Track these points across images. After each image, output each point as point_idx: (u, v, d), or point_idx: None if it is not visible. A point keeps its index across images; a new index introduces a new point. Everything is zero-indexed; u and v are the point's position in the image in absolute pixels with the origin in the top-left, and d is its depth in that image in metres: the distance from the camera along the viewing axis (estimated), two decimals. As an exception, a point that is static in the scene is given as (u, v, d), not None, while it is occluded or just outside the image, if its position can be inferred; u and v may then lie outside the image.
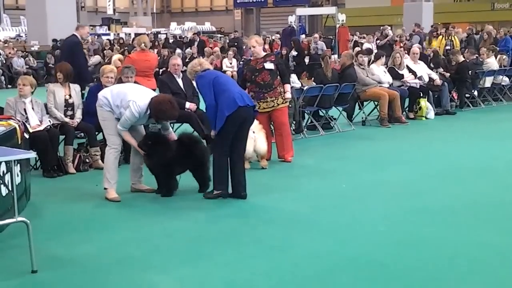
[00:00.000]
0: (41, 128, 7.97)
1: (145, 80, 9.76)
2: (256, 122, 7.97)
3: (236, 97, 6.66)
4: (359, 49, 16.44)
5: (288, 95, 8.71)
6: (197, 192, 7.01)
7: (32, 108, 8.07)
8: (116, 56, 14.56)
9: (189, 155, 6.91)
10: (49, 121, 8.17)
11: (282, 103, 8.63)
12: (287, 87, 8.70)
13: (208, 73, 6.94)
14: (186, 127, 8.88)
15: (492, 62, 14.98)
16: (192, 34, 29.58)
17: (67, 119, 8.35)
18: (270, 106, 8.57)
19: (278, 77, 8.60)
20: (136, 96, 6.62)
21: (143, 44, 10.58)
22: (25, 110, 8.01)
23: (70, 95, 8.50)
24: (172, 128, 9.77)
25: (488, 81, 14.80)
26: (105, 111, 6.79)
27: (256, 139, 8.00)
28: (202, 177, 7.07)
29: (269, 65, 8.50)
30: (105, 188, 6.87)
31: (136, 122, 6.76)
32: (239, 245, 5.34)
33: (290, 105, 9.67)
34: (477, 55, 15.23)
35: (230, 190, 6.83)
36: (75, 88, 8.63)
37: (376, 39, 23.13)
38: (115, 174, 6.85)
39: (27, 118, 7.90)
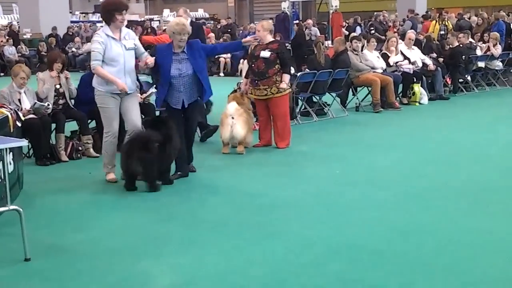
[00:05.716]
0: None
1: None
2: (236, 106, 8.05)
3: None
4: (354, 34, 16.37)
5: (283, 85, 8.46)
6: (190, 180, 7.01)
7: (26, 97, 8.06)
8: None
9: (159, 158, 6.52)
10: (48, 104, 8.12)
11: (277, 92, 8.50)
12: (285, 77, 8.48)
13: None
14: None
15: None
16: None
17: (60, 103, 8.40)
18: (263, 94, 8.51)
19: (277, 66, 8.43)
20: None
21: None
22: (19, 100, 7.98)
23: (60, 84, 8.46)
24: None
25: (480, 63, 14.83)
26: (101, 96, 6.81)
27: (234, 124, 8.05)
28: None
29: (264, 54, 8.35)
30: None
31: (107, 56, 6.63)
32: (233, 233, 5.33)
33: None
34: (470, 40, 15.21)
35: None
36: (65, 76, 8.56)
37: (370, 25, 23.04)
38: (112, 159, 7.00)
39: (21, 108, 7.86)
